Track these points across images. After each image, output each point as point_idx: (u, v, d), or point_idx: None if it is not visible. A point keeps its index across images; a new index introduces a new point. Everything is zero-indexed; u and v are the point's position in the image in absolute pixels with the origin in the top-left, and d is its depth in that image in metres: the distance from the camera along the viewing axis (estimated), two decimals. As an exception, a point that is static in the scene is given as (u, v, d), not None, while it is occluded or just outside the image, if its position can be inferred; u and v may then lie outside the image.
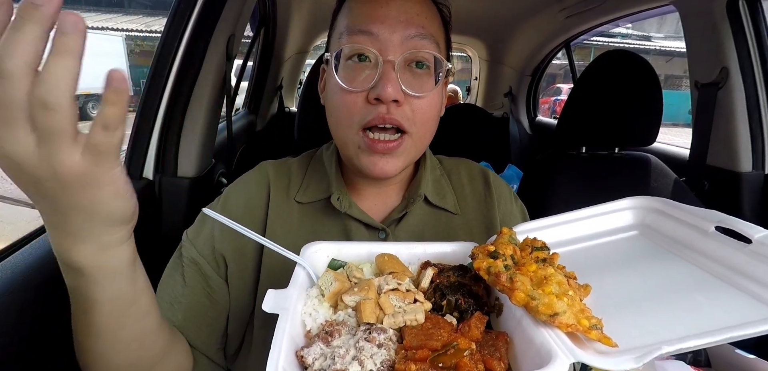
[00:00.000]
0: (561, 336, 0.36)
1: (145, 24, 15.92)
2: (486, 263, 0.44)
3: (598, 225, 0.57)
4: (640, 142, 1.28)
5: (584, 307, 0.39)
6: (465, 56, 3.31)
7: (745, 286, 0.40)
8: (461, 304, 0.44)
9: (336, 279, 0.45)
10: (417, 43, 0.61)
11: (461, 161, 0.81)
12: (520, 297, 0.39)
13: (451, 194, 0.75)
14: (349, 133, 0.63)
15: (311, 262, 0.50)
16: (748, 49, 1.23)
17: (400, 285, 0.45)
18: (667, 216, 0.53)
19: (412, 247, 0.54)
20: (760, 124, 1.26)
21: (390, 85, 0.59)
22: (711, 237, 0.47)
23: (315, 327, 0.42)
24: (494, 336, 0.40)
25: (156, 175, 1.12)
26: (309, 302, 0.45)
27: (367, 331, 0.39)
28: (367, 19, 0.61)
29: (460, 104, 3.18)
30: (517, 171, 2.20)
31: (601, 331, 0.37)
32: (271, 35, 2.12)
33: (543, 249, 0.48)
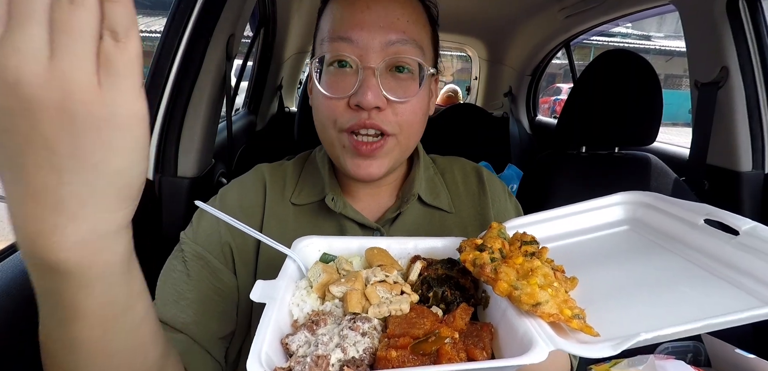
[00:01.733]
0: (543, 325, 0.37)
1: (145, 24, 15.92)
2: (472, 255, 0.45)
3: (589, 221, 0.57)
4: (640, 141, 1.28)
5: (568, 298, 0.39)
6: (465, 56, 3.31)
7: (730, 277, 0.40)
8: (448, 296, 0.45)
9: (324, 271, 0.46)
10: (398, 49, 0.61)
11: (454, 160, 0.81)
12: (503, 288, 0.40)
13: (445, 193, 0.75)
14: (334, 134, 0.64)
15: (302, 256, 0.51)
16: (748, 49, 1.23)
17: (387, 277, 0.46)
18: (657, 210, 0.54)
19: (404, 242, 0.54)
20: (760, 123, 1.26)
21: (370, 91, 0.59)
22: (700, 229, 0.47)
23: (302, 317, 0.43)
24: (479, 326, 0.41)
25: (156, 175, 1.12)
26: (297, 293, 0.45)
27: (352, 320, 0.40)
28: (348, 25, 0.61)
29: (460, 104, 3.18)
30: (517, 171, 2.21)
31: (584, 321, 0.37)
32: (271, 35, 2.12)
33: (532, 244, 0.49)
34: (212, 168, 1.30)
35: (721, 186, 1.33)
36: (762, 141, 1.27)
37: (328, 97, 0.62)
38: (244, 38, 1.61)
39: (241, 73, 1.97)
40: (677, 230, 0.50)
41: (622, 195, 0.58)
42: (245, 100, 2.36)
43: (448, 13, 2.30)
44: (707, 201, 0.53)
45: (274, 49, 2.20)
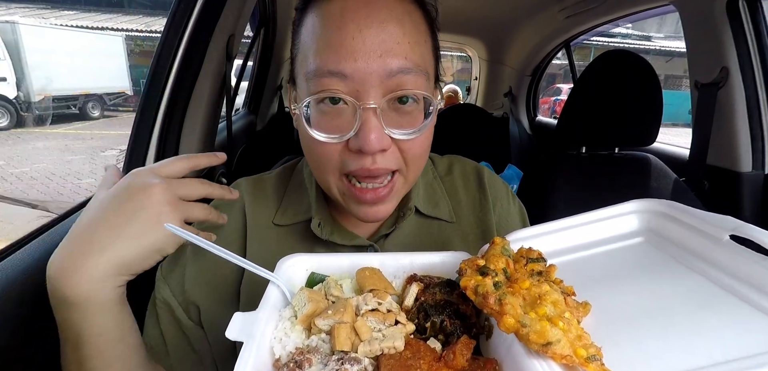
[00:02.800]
0: (554, 367, 0.33)
1: (145, 24, 15.91)
2: (474, 281, 0.40)
3: (600, 232, 0.52)
4: (640, 142, 1.28)
5: (582, 334, 0.35)
6: (465, 56, 3.31)
7: (761, 304, 0.36)
8: (447, 327, 0.41)
9: (310, 300, 0.41)
10: (400, 80, 0.51)
11: (454, 160, 0.76)
12: (510, 324, 0.35)
13: (445, 201, 0.70)
14: (332, 178, 0.56)
15: (287, 277, 0.45)
16: (748, 49, 1.23)
17: (380, 304, 0.41)
18: (676, 221, 0.49)
19: (399, 258, 0.49)
20: (760, 124, 1.26)
21: (373, 134, 0.49)
22: (725, 246, 0.42)
23: (285, 356, 0.38)
24: (482, 363, 0.36)
25: (156, 175, 1.12)
26: (280, 325, 0.40)
27: (340, 361, 0.36)
28: (338, 56, 0.49)
29: (460, 104, 3.18)
30: (517, 171, 2.21)
31: (601, 363, 0.33)
32: (271, 35, 2.12)
33: (539, 261, 0.44)
34: (212, 168, 1.30)
35: (721, 187, 1.33)
36: (762, 141, 1.27)
37: (322, 142, 0.52)
38: (244, 38, 1.61)
39: (241, 73, 1.97)
40: (699, 246, 0.45)
41: (637, 203, 0.53)
42: (245, 100, 2.36)
43: (448, 13, 2.30)
44: (707, 201, 0.50)
45: (274, 49, 2.20)
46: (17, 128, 10.09)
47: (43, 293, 0.68)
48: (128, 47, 13.80)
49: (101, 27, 14.42)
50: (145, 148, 1.10)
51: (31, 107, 10.53)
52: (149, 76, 1.09)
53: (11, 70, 10.13)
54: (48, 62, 10.74)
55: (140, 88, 1.16)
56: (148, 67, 1.13)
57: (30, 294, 0.65)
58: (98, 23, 14.93)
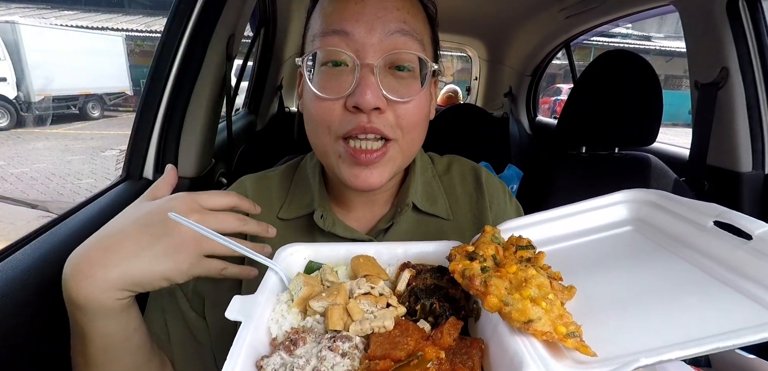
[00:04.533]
0: (536, 344, 0.34)
1: (145, 24, 15.91)
2: (462, 265, 0.42)
3: (590, 221, 0.54)
4: (640, 142, 1.28)
5: (563, 313, 0.37)
6: (465, 56, 3.31)
7: (743, 287, 0.37)
8: (436, 309, 0.42)
9: (306, 284, 0.43)
10: (398, 40, 0.55)
11: (453, 160, 0.77)
12: (493, 303, 0.37)
13: (443, 199, 0.71)
14: (328, 141, 0.58)
15: (286, 265, 0.48)
16: (748, 49, 1.23)
17: (373, 288, 0.43)
18: (663, 210, 0.50)
19: (393, 247, 0.51)
20: (760, 124, 1.26)
21: (369, 91, 0.53)
22: (709, 232, 0.44)
23: (281, 335, 0.40)
24: (468, 343, 0.38)
25: (156, 174, 1.12)
26: (278, 307, 0.43)
27: (332, 339, 0.38)
28: (341, 17, 0.55)
29: (460, 104, 3.17)
30: (517, 171, 2.21)
31: (580, 339, 0.34)
32: (271, 35, 2.12)
33: (528, 249, 0.46)
34: (212, 168, 1.30)
35: (721, 187, 1.33)
36: (762, 141, 1.27)
37: (322, 98, 0.56)
38: (244, 38, 1.61)
39: (241, 73, 1.97)
40: (684, 232, 0.46)
41: (626, 194, 0.55)
42: (245, 100, 2.36)
43: (448, 13, 2.30)
44: (707, 201, 0.51)
45: (274, 49, 2.20)
46: (17, 128, 10.08)
47: (43, 293, 0.68)
48: (128, 47, 13.79)
49: (101, 27, 14.42)
50: (145, 148, 1.10)
51: (31, 107, 10.53)
52: (149, 76, 1.09)
53: (11, 70, 10.13)
54: (48, 62, 10.73)
55: (140, 88, 1.17)
56: (148, 67, 1.13)
57: (30, 294, 0.65)
58: (98, 23, 14.93)
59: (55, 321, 0.71)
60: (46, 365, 0.68)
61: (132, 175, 1.09)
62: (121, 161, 1.14)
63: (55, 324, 0.71)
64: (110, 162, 7.21)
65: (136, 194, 0.48)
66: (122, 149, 1.82)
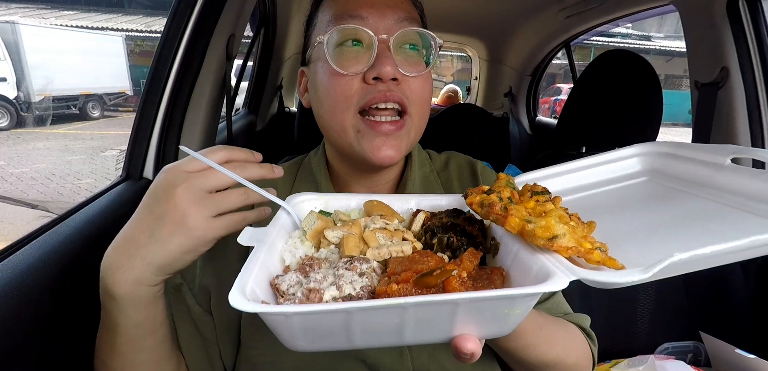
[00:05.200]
0: (560, 259, 0.33)
1: (145, 24, 15.92)
2: (479, 198, 0.41)
3: (604, 173, 0.54)
4: (640, 141, 1.27)
5: (587, 234, 0.36)
6: (465, 56, 3.31)
7: (761, 210, 0.36)
8: (453, 242, 0.41)
9: (319, 220, 0.42)
10: (406, 25, 0.62)
11: (451, 155, 0.81)
12: (515, 223, 0.36)
13: (440, 192, 0.74)
14: (347, 117, 0.61)
15: (298, 211, 0.48)
16: (748, 49, 1.22)
17: (388, 224, 0.42)
18: (678, 158, 0.50)
19: (406, 199, 0.52)
20: (760, 123, 1.26)
21: (388, 63, 0.59)
22: (727, 169, 0.44)
23: (294, 263, 0.39)
24: (489, 271, 0.37)
25: (156, 174, 1.12)
26: (290, 241, 0.41)
27: (349, 262, 0.36)
28: (355, 5, 0.61)
29: (460, 104, 3.17)
30: (517, 171, 2.20)
31: (606, 253, 0.33)
32: (271, 35, 2.12)
33: (544, 194, 0.45)
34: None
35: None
36: (762, 141, 1.27)
37: (341, 74, 0.60)
38: (244, 38, 1.61)
39: (241, 73, 1.97)
40: (702, 174, 0.46)
41: (639, 147, 0.55)
42: (245, 100, 2.35)
43: (448, 13, 2.30)
44: None
45: (274, 49, 2.20)
46: (17, 128, 10.08)
47: (43, 293, 0.68)
48: (128, 47, 13.79)
49: (101, 27, 14.42)
50: (145, 148, 1.10)
51: (31, 107, 10.53)
52: (149, 76, 1.09)
53: (11, 70, 10.13)
54: (48, 62, 10.74)
55: (140, 88, 1.16)
56: (148, 67, 1.13)
57: (30, 294, 0.65)
58: (98, 23, 14.93)
59: (55, 321, 0.71)
60: (46, 365, 0.68)
61: (132, 175, 1.09)
62: (121, 161, 1.14)
63: (55, 324, 0.71)
64: (110, 162, 7.21)
65: (136, 194, 0.47)
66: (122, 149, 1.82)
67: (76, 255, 0.77)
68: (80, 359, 0.76)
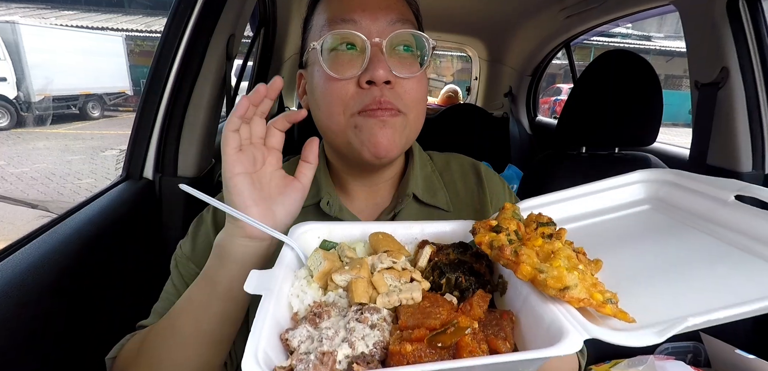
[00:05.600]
0: (572, 311, 0.33)
1: (145, 24, 15.92)
2: (488, 237, 0.41)
3: (607, 200, 0.54)
4: (640, 142, 1.28)
5: (596, 281, 0.36)
6: (465, 56, 3.31)
7: (766, 253, 0.36)
8: (462, 283, 0.41)
9: (325, 259, 0.42)
10: (399, 27, 0.62)
11: (452, 156, 0.80)
12: (527, 271, 0.36)
13: (443, 192, 0.74)
14: (343, 120, 0.62)
15: (300, 243, 0.48)
16: (748, 49, 1.22)
17: (395, 263, 0.41)
18: (681, 188, 0.50)
19: (409, 227, 0.51)
20: (760, 124, 1.26)
21: (381, 66, 0.59)
22: (731, 206, 0.43)
23: (302, 310, 0.39)
24: (498, 315, 0.37)
25: (156, 174, 1.12)
26: (296, 283, 0.41)
27: (359, 311, 0.36)
28: (349, 9, 0.61)
29: (460, 104, 3.17)
30: (517, 171, 2.20)
31: (617, 306, 0.33)
32: (271, 35, 2.12)
33: (549, 225, 0.45)
34: (212, 168, 1.30)
35: (721, 187, 1.33)
36: (762, 141, 1.27)
37: (336, 78, 0.61)
38: (244, 38, 1.61)
39: (241, 73, 1.97)
40: (705, 208, 0.46)
41: (642, 174, 0.55)
42: (245, 100, 2.35)
43: (448, 13, 2.30)
44: None
45: (274, 49, 2.20)
46: (17, 128, 10.08)
47: (43, 293, 0.68)
48: (128, 47, 13.79)
49: (101, 27, 14.42)
50: (145, 147, 1.10)
51: (31, 107, 10.52)
52: (149, 76, 1.09)
53: (11, 70, 10.12)
54: (48, 62, 10.73)
55: (140, 88, 1.16)
56: (148, 67, 1.13)
57: (30, 294, 0.65)
58: (98, 23, 14.93)
59: (55, 321, 0.71)
60: (46, 365, 0.68)
61: (132, 175, 1.09)
62: (121, 161, 1.14)
63: (55, 324, 0.71)
64: (110, 162, 7.20)
65: (136, 194, 0.47)
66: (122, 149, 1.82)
67: (76, 255, 0.77)
68: (80, 359, 0.76)
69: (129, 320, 0.66)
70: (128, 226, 0.97)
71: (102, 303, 0.85)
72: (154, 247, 1.08)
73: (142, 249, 1.01)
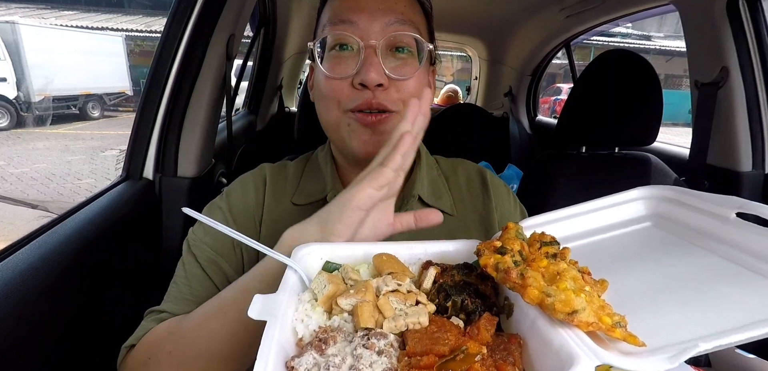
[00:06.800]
0: (581, 335, 0.33)
1: (145, 24, 15.91)
2: (493, 259, 0.41)
3: (608, 218, 0.54)
4: (640, 141, 1.28)
5: (604, 304, 0.35)
6: (465, 56, 3.31)
7: None
8: (468, 305, 0.41)
9: (330, 282, 0.41)
10: (397, 28, 0.63)
11: (458, 162, 0.81)
12: (534, 295, 0.36)
13: (448, 195, 0.74)
14: (338, 116, 0.65)
15: (303, 265, 0.47)
16: (748, 49, 1.22)
17: (400, 285, 0.41)
18: (682, 205, 0.50)
19: (412, 247, 0.50)
20: (760, 123, 1.26)
21: (373, 69, 0.60)
22: (732, 224, 0.43)
23: (307, 335, 0.38)
24: (506, 338, 0.37)
25: (156, 174, 1.12)
26: (300, 307, 0.41)
27: (365, 337, 0.36)
28: (347, 9, 0.63)
29: (460, 104, 3.17)
30: (517, 171, 2.20)
31: (626, 329, 0.33)
32: (271, 35, 2.12)
33: (552, 245, 0.45)
34: (212, 168, 1.30)
35: (721, 187, 1.33)
36: (762, 141, 1.27)
37: (331, 77, 0.63)
38: (244, 38, 1.61)
39: (241, 73, 1.97)
40: (707, 225, 0.46)
41: (642, 190, 0.55)
42: (245, 100, 2.35)
43: (448, 13, 2.30)
44: None
45: (274, 49, 2.19)
46: (17, 128, 10.08)
47: (43, 293, 0.68)
48: (128, 47, 13.79)
49: (101, 27, 14.42)
50: (145, 148, 1.10)
51: (31, 107, 10.52)
52: (149, 76, 1.09)
53: (11, 70, 10.12)
54: (48, 62, 10.73)
55: (140, 88, 1.16)
56: (148, 67, 1.13)
57: (30, 294, 0.65)
58: (98, 23, 14.93)
59: (55, 321, 0.71)
60: (46, 365, 0.68)
61: (132, 175, 1.09)
62: (121, 161, 1.14)
63: (55, 324, 0.71)
64: (110, 162, 7.20)
65: (136, 194, 0.47)
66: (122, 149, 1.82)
67: (76, 255, 0.77)
68: (81, 359, 0.77)
69: (129, 320, 0.65)
70: (128, 226, 0.97)
71: (102, 303, 0.85)
72: (154, 247, 1.08)
73: (142, 250, 1.01)
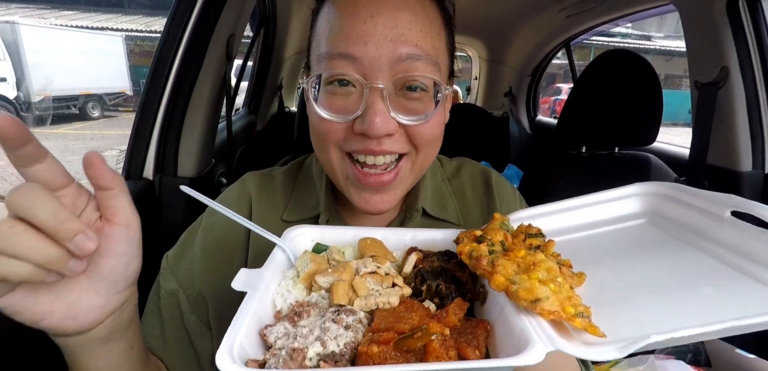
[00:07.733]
0: (542, 324, 0.34)
1: (145, 24, 15.92)
2: (469, 247, 0.42)
3: (602, 213, 0.53)
4: (640, 141, 1.28)
5: (572, 295, 0.36)
6: (465, 56, 3.31)
7: (759, 275, 0.36)
8: (442, 290, 0.42)
9: (312, 261, 0.43)
10: (409, 66, 0.51)
11: (463, 163, 0.76)
12: (500, 282, 0.37)
13: (453, 203, 0.69)
14: (335, 158, 0.55)
15: (294, 246, 0.48)
16: (748, 49, 1.22)
17: (379, 268, 0.43)
18: (678, 202, 0.50)
19: (401, 233, 0.51)
20: (760, 123, 1.26)
21: (379, 118, 0.49)
22: (726, 223, 0.43)
23: (285, 308, 0.40)
24: (474, 324, 0.38)
25: (156, 175, 1.12)
26: (283, 282, 0.43)
27: (336, 312, 0.37)
28: (348, 39, 0.50)
29: (460, 104, 3.17)
30: (517, 171, 2.20)
31: (588, 320, 0.34)
32: (271, 35, 2.12)
33: (537, 237, 0.45)
34: (212, 168, 1.30)
35: (721, 187, 1.32)
36: (762, 141, 1.27)
37: (326, 120, 0.52)
38: (244, 38, 1.61)
39: (241, 73, 1.97)
40: (701, 223, 0.45)
41: (639, 187, 0.54)
42: (245, 100, 2.35)
43: (448, 13, 2.30)
44: None
45: (274, 49, 2.19)
46: (17, 128, 10.06)
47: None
48: (128, 47, 13.79)
49: (101, 27, 14.42)
50: (145, 148, 1.10)
51: (31, 107, 10.52)
52: (149, 76, 1.09)
53: (11, 70, 10.13)
54: (48, 62, 10.73)
55: (140, 88, 1.16)
56: (148, 67, 1.13)
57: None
58: (98, 23, 14.94)
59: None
60: (46, 365, 0.68)
61: (132, 175, 1.09)
62: (121, 161, 1.14)
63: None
64: (110, 162, 7.17)
65: (136, 194, 0.47)
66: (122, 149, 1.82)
67: (76, 255, 0.77)
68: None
69: (129, 320, 0.65)
70: (128, 226, 0.96)
71: (102, 303, 0.85)
72: (154, 248, 1.07)
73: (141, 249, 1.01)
